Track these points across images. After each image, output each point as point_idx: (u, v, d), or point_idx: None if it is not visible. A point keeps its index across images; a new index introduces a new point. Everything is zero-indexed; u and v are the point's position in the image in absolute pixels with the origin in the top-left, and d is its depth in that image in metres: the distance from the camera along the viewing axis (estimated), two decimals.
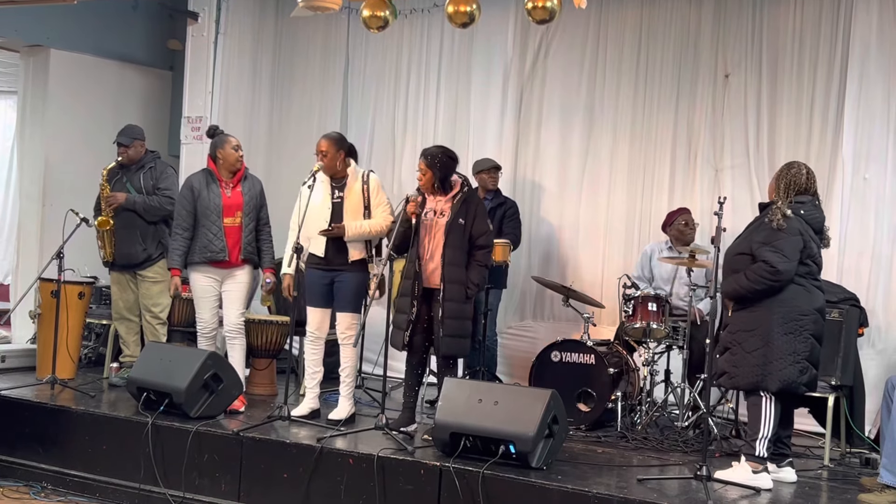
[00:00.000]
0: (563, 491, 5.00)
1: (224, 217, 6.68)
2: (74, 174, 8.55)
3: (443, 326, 5.94)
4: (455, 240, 5.98)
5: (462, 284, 5.97)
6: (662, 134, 7.96)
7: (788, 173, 5.51)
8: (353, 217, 6.30)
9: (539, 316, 8.44)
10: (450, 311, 5.94)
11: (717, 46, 7.77)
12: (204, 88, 9.09)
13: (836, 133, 7.28)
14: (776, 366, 5.28)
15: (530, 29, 8.35)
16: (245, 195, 6.74)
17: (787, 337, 5.30)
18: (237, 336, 6.78)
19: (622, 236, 8.10)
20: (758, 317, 5.35)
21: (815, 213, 5.49)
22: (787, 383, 5.29)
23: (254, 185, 6.83)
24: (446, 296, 5.93)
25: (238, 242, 6.69)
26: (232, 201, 6.71)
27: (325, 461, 5.57)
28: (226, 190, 6.72)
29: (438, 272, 5.98)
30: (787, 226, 5.34)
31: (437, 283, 5.99)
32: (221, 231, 6.65)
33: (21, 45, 8.80)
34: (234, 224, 6.69)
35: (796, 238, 5.35)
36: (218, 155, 6.74)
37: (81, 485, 6.20)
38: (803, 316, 5.33)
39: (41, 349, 7.37)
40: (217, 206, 6.67)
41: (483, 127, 8.63)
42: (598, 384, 6.60)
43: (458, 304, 5.97)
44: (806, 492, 5.34)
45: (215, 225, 6.66)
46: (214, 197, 6.68)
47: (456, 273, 5.97)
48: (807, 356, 5.34)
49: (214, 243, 6.65)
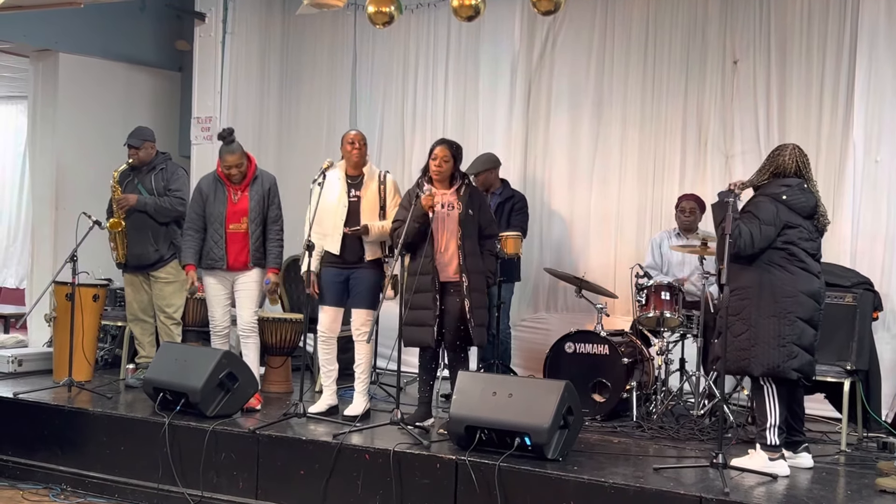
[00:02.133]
0: (579, 482, 5.00)
1: (229, 223, 6.69)
2: (86, 177, 8.58)
3: (473, 317, 5.98)
4: (470, 230, 6.05)
5: (482, 274, 6.08)
6: (672, 122, 7.94)
7: (774, 155, 5.44)
8: (370, 216, 6.32)
9: (552, 307, 8.43)
10: (476, 302, 6.01)
11: (726, 32, 7.73)
12: (213, 88, 9.11)
13: (847, 116, 7.24)
14: (760, 349, 5.21)
15: (537, 20, 8.33)
16: (252, 199, 6.71)
17: (771, 320, 5.21)
18: (251, 335, 6.81)
19: (634, 225, 8.07)
20: (744, 301, 5.29)
21: (801, 197, 5.32)
22: (770, 367, 5.20)
23: (262, 184, 6.78)
24: (471, 286, 5.99)
25: (245, 248, 6.69)
26: (238, 207, 6.71)
27: (341, 457, 5.58)
28: (233, 196, 6.72)
29: (455, 264, 6.01)
30: (761, 205, 5.30)
31: (453, 276, 6.02)
32: (223, 240, 6.68)
33: (30, 50, 8.85)
34: (239, 230, 6.70)
35: (770, 214, 5.26)
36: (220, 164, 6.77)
37: (100, 486, 6.24)
38: (786, 298, 5.21)
39: (57, 352, 7.40)
40: (220, 213, 6.69)
41: (492, 119, 8.62)
42: (612, 374, 6.59)
43: (482, 294, 6.08)
44: (823, 477, 5.33)
45: (217, 233, 6.70)
46: (219, 204, 6.71)
47: (477, 263, 6.06)
48: (794, 340, 5.21)
49: (214, 251, 6.70)
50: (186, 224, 6.84)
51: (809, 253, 5.33)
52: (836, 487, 5.19)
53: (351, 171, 6.41)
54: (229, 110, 9.10)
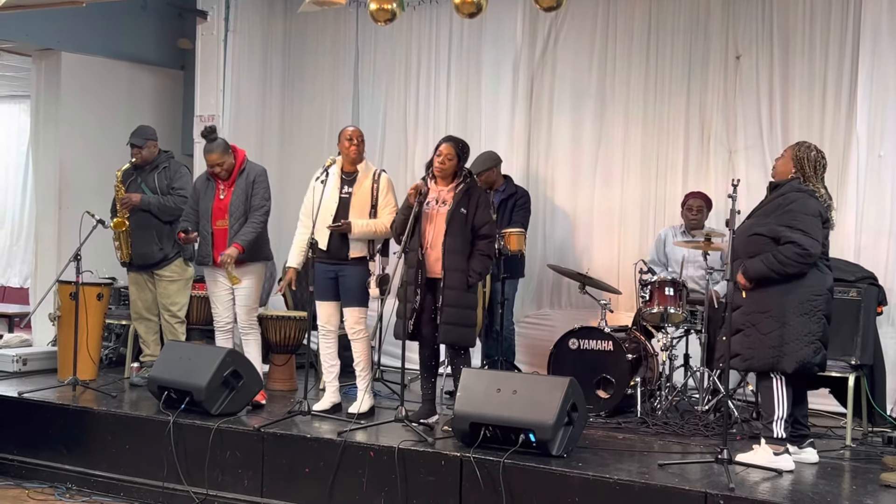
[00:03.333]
0: (584, 478, 5.00)
1: (215, 220, 6.69)
2: (89, 176, 8.58)
3: (441, 314, 5.94)
4: (456, 228, 5.96)
5: (463, 273, 5.94)
6: (675, 118, 7.93)
7: (809, 154, 5.48)
8: (360, 214, 6.28)
9: (556, 304, 8.43)
10: (449, 299, 5.93)
11: (728, 28, 7.72)
12: (215, 87, 9.10)
13: (850, 111, 7.23)
14: (792, 347, 5.26)
15: (539, 17, 8.32)
16: (234, 195, 6.64)
17: (803, 318, 5.28)
18: (250, 331, 6.83)
19: (637, 222, 8.07)
20: (772, 298, 5.32)
21: (825, 194, 5.51)
22: (802, 363, 5.28)
23: (248, 177, 6.69)
24: (447, 283, 5.93)
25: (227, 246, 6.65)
26: (224, 203, 6.69)
27: (346, 455, 5.58)
28: (220, 192, 6.72)
29: (440, 261, 5.97)
30: (810, 207, 5.33)
31: (439, 272, 5.98)
32: (210, 236, 6.68)
33: (32, 49, 8.84)
34: (224, 226, 6.69)
35: (818, 219, 5.34)
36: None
37: (106, 485, 6.24)
38: (817, 296, 5.32)
39: (62, 351, 7.41)
40: (207, 210, 6.71)
41: (494, 117, 8.61)
42: (616, 370, 6.59)
43: (458, 293, 5.94)
44: (828, 472, 5.33)
45: (205, 230, 6.72)
46: (208, 201, 6.72)
47: (457, 261, 5.95)
48: (820, 336, 5.34)
49: (204, 248, 6.74)
50: (182, 219, 6.87)
51: (825, 249, 5.45)
52: (841, 483, 5.19)
53: (346, 168, 6.38)
54: (232, 108, 9.10)
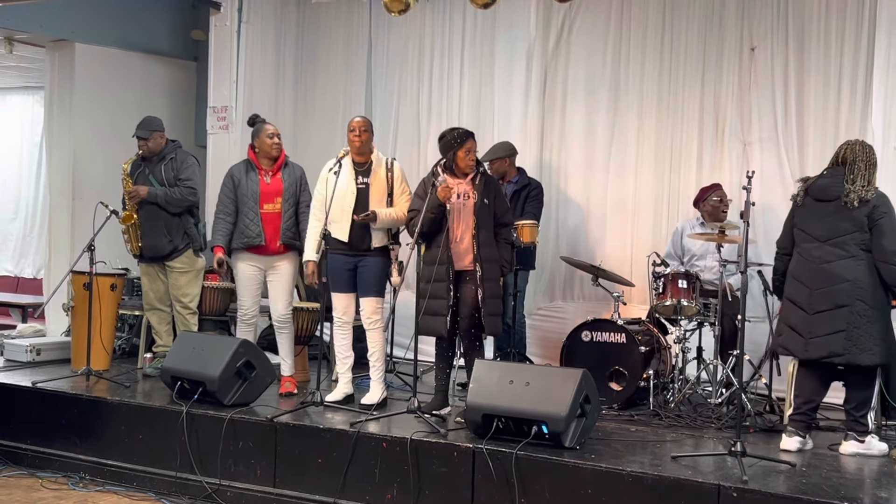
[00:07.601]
0: (596, 470, 5.00)
1: (263, 204, 6.75)
2: (103, 167, 8.59)
3: (485, 306, 6.00)
4: (485, 220, 6.06)
5: (497, 263, 6.10)
6: (689, 109, 7.89)
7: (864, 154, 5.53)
8: (378, 203, 6.32)
9: (569, 296, 8.41)
10: (490, 291, 6.02)
11: (743, 19, 7.67)
12: (228, 78, 9.12)
13: (865, 103, 7.18)
14: (871, 341, 5.38)
15: (553, 7, 8.28)
16: (285, 181, 6.79)
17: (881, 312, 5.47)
18: (285, 326, 6.86)
19: (650, 214, 8.04)
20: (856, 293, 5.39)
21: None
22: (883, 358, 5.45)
23: (293, 171, 6.88)
24: (485, 276, 6.00)
25: (278, 228, 6.74)
26: (271, 188, 6.77)
27: (358, 446, 5.59)
28: (265, 177, 6.78)
29: (471, 254, 6.02)
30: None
31: (468, 265, 6.03)
32: (258, 217, 6.73)
33: (46, 40, 8.87)
34: (273, 210, 6.76)
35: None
36: (255, 144, 6.84)
37: (118, 474, 6.27)
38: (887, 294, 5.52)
39: (75, 341, 7.44)
40: (254, 192, 6.74)
41: (508, 108, 8.58)
42: (629, 363, 6.58)
43: (495, 284, 6.09)
44: (842, 465, 5.31)
45: (252, 211, 6.74)
46: (252, 184, 6.77)
47: (491, 252, 6.07)
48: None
49: (251, 228, 6.73)
50: (218, 208, 6.87)
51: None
52: (855, 475, 5.16)
53: (357, 159, 6.40)
54: (245, 99, 9.10)
